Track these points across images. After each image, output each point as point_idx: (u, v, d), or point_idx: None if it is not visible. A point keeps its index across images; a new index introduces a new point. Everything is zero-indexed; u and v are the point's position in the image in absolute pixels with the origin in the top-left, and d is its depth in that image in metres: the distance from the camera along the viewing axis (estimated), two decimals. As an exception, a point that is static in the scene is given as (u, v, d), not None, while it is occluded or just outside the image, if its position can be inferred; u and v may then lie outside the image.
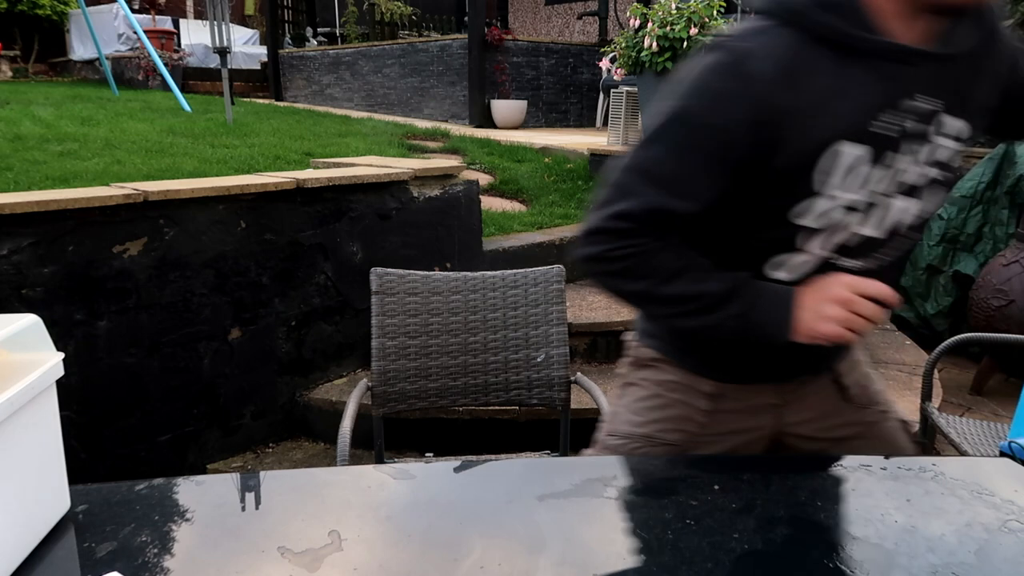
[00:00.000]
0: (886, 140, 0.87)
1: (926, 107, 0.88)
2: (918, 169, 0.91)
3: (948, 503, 0.85)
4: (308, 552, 0.73)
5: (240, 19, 11.10)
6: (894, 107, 0.86)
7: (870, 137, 0.86)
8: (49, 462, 0.77)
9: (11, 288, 2.02)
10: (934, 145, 0.91)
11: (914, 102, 0.87)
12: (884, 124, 0.86)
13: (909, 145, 0.89)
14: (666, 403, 1.10)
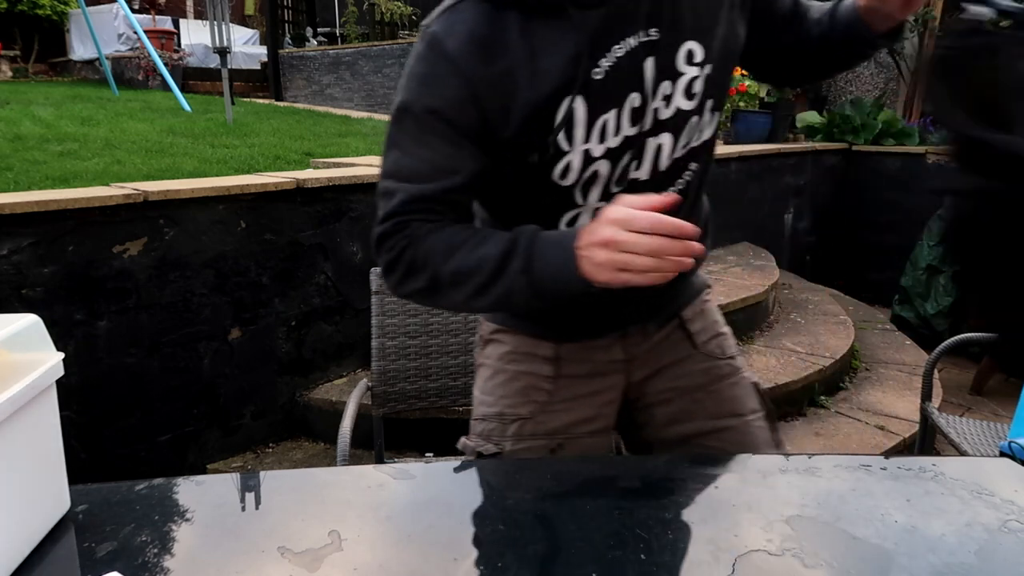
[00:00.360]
0: (608, 84, 0.86)
1: (637, 42, 0.86)
2: (659, 104, 0.90)
3: (948, 503, 0.85)
4: (308, 552, 0.73)
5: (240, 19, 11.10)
6: (603, 50, 0.85)
7: (590, 86, 0.86)
8: (49, 462, 0.77)
9: (11, 288, 2.02)
10: (666, 76, 0.89)
11: (623, 40, 0.86)
12: (600, 70, 0.86)
13: (637, 82, 0.88)
14: (509, 376, 1.09)
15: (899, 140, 4.97)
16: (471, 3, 0.85)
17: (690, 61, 0.90)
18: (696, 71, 0.90)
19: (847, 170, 5.04)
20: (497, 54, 0.84)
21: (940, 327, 4.01)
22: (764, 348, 3.08)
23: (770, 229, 4.50)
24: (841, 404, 2.93)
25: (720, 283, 3.33)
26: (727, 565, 0.72)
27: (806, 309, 3.65)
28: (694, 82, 0.91)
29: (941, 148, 1.04)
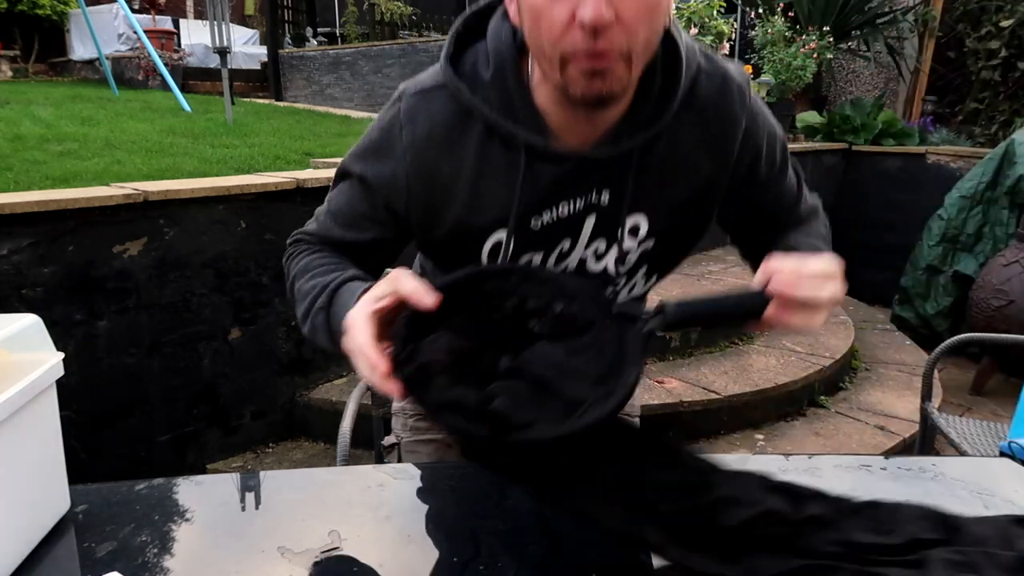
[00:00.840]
0: (543, 233, 0.86)
1: (584, 203, 0.85)
2: (589, 255, 0.89)
3: (948, 503, 0.84)
4: (308, 552, 0.73)
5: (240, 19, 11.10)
6: (548, 205, 0.84)
7: (524, 231, 0.85)
8: (49, 462, 0.77)
9: (11, 288, 2.02)
10: (603, 236, 0.88)
11: (572, 200, 0.84)
12: (539, 221, 0.85)
13: (573, 233, 0.87)
14: None
15: (899, 140, 4.97)
16: (448, 94, 0.83)
17: (632, 234, 0.88)
18: (634, 243, 0.89)
19: (847, 170, 5.04)
20: (448, 160, 0.83)
21: (940, 327, 4.01)
22: (764, 348, 3.08)
23: (770, 229, 4.49)
24: (841, 404, 2.93)
25: (720, 283, 3.33)
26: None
27: (806, 309, 3.65)
28: (629, 254, 0.90)
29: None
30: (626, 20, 0.68)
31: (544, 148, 0.80)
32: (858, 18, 5.47)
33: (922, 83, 5.69)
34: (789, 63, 4.74)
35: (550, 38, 0.70)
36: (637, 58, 0.72)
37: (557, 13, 0.68)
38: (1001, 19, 4.97)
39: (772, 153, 0.91)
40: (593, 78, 0.71)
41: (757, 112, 0.88)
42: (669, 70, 0.81)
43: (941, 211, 4.05)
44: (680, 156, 0.85)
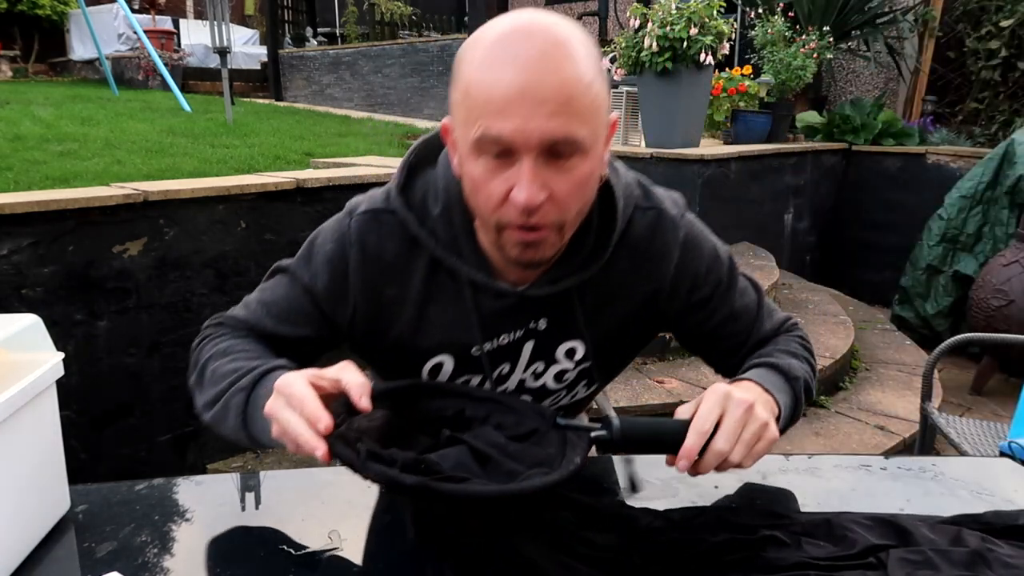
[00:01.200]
0: (483, 359, 0.89)
1: (523, 332, 0.89)
2: (528, 376, 0.93)
3: (948, 503, 0.84)
4: (308, 552, 0.73)
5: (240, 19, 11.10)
6: (490, 336, 0.88)
7: (465, 357, 0.89)
8: (49, 462, 0.77)
9: (11, 288, 2.01)
10: (541, 359, 0.91)
11: (512, 332, 0.88)
12: (479, 350, 0.88)
13: (512, 358, 0.91)
14: None
15: (899, 140, 4.97)
16: (398, 220, 0.85)
17: (569, 356, 0.92)
18: (571, 365, 0.93)
19: (847, 170, 5.04)
20: (396, 283, 0.86)
21: (940, 327, 4.01)
22: (764, 348, 3.08)
23: (770, 229, 4.50)
24: (841, 404, 2.93)
25: (720, 283, 3.33)
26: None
27: (806, 309, 3.65)
28: (567, 372, 0.93)
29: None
30: (558, 198, 0.72)
31: (486, 284, 0.84)
32: (858, 18, 5.47)
33: (922, 83, 5.69)
34: (789, 63, 4.74)
35: (487, 208, 0.74)
36: (569, 227, 0.77)
37: (494, 187, 0.72)
38: (1001, 19, 4.97)
39: (715, 275, 0.93)
40: (527, 248, 0.76)
41: (693, 240, 0.91)
42: (606, 214, 0.85)
43: (941, 211, 4.05)
44: (614, 288, 0.89)
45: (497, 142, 0.70)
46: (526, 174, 0.70)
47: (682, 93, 3.97)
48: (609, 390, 2.52)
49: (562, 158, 0.71)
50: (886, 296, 4.53)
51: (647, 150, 4.07)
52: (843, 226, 5.08)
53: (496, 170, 0.72)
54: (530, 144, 0.69)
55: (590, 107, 0.71)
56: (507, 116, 0.68)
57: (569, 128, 0.69)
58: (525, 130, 0.68)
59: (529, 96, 0.68)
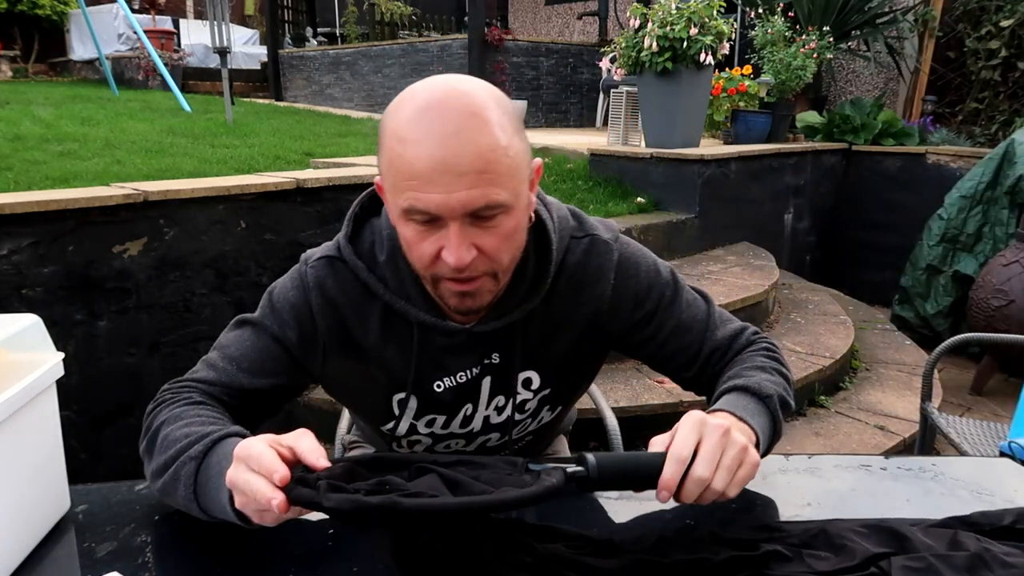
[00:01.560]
0: (445, 396, 0.93)
1: (479, 367, 0.92)
2: (491, 412, 0.96)
3: (948, 503, 0.85)
4: (308, 552, 0.73)
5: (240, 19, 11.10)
6: (447, 372, 0.92)
7: (427, 393, 0.93)
8: (49, 462, 0.77)
9: (11, 288, 2.02)
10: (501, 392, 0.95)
11: (468, 369, 0.92)
12: (440, 387, 0.93)
13: (473, 396, 0.94)
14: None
15: (899, 140, 4.97)
16: (350, 268, 0.89)
17: (527, 387, 0.96)
18: (531, 395, 0.97)
19: (847, 170, 5.04)
20: (357, 324, 0.90)
21: (940, 327, 4.02)
22: (764, 348, 3.08)
23: (770, 229, 4.50)
24: (841, 404, 2.93)
25: (720, 283, 3.33)
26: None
27: (806, 309, 3.65)
28: (528, 402, 0.97)
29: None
30: (487, 252, 0.77)
31: (435, 325, 0.88)
32: (858, 18, 5.47)
33: (922, 83, 5.69)
34: (789, 63, 4.74)
35: (421, 265, 0.80)
36: (503, 274, 0.82)
37: (426, 248, 0.77)
38: (1001, 19, 4.97)
39: (657, 290, 0.96)
40: (464, 298, 0.81)
41: (628, 260, 0.95)
42: (541, 250, 0.90)
43: (941, 211, 4.05)
44: (557, 317, 0.93)
45: (424, 212, 0.74)
46: (453, 239, 0.75)
47: (682, 93, 3.98)
48: (609, 391, 2.52)
49: (486, 220, 0.76)
50: (886, 296, 4.53)
51: (647, 150, 4.08)
52: (843, 226, 5.08)
53: (425, 233, 0.77)
54: (454, 213, 0.74)
55: (508, 170, 0.75)
56: (430, 190, 0.73)
57: (489, 195, 0.74)
58: (448, 202, 0.73)
59: (449, 170, 0.72)
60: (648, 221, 3.65)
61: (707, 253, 3.94)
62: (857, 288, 4.62)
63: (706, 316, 0.98)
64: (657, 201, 3.98)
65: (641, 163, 4.07)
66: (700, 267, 3.63)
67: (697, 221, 3.86)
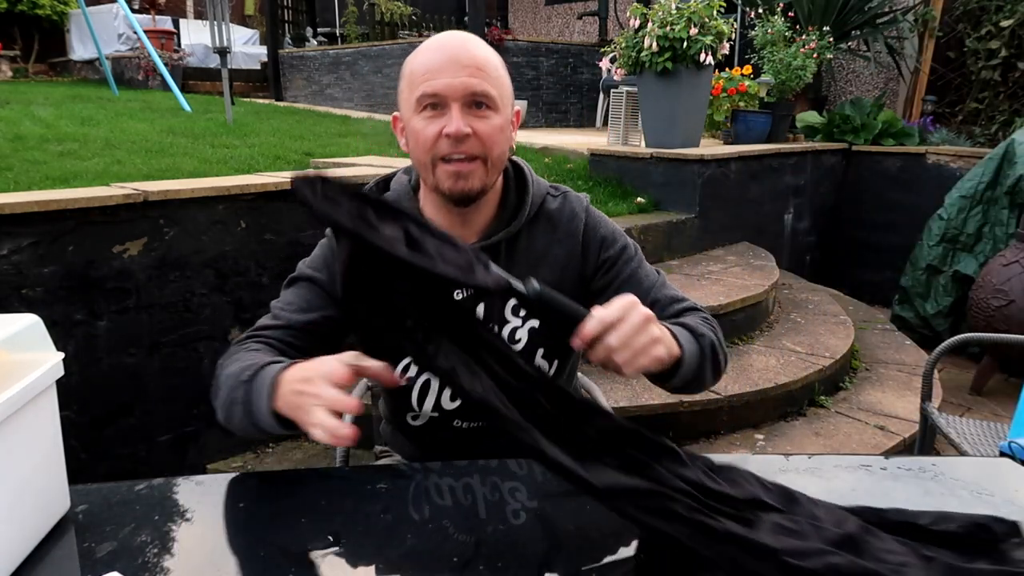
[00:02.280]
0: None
1: (470, 290, 1.04)
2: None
3: (948, 503, 0.85)
4: (308, 552, 0.73)
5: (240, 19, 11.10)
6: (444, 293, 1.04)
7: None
8: (49, 462, 0.77)
9: (11, 288, 2.02)
10: (494, 320, 1.07)
11: (462, 288, 1.02)
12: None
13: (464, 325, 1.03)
14: None
15: (899, 140, 4.97)
16: None
17: (516, 313, 1.09)
18: (519, 322, 1.08)
19: (847, 170, 5.04)
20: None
21: (940, 327, 4.02)
22: (764, 348, 3.08)
23: (770, 229, 4.50)
24: (841, 404, 2.93)
25: (720, 283, 3.33)
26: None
27: (806, 309, 3.65)
28: (517, 331, 1.08)
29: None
30: (480, 135, 0.98)
31: None
32: (858, 18, 5.47)
33: (922, 83, 5.69)
34: (789, 63, 4.74)
35: (425, 147, 0.99)
36: (492, 164, 1.01)
37: (431, 130, 0.98)
38: (1001, 19, 4.97)
39: (621, 241, 1.12)
40: (458, 179, 0.99)
41: (595, 212, 1.14)
42: (520, 189, 1.11)
43: (941, 211, 4.05)
44: (538, 251, 1.09)
45: (433, 96, 0.97)
46: (454, 114, 0.97)
47: (682, 93, 3.98)
48: (609, 391, 2.52)
49: (480, 108, 0.98)
50: (886, 296, 4.53)
51: (647, 150, 4.08)
52: (843, 226, 5.08)
53: (432, 119, 0.98)
54: (456, 94, 0.97)
55: (497, 80, 1.00)
56: (439, 76, 0.97)
57: (484, 86, 0.98)
58: (452, 83, 0.96)
59: (453, 62, 0.97)
60: (648, 221, 3.65)
61: (707, 253, 3.94)
62: (857, 288, 4.62)
63: (658, 280, 1.12)
64: (657, 201, 3.98)
65: (641, 163, 4.07)
66: (700, 267, 3.63)
67: (697, 221, 3.86)
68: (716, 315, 3.27)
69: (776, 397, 2.74)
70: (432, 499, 0.85)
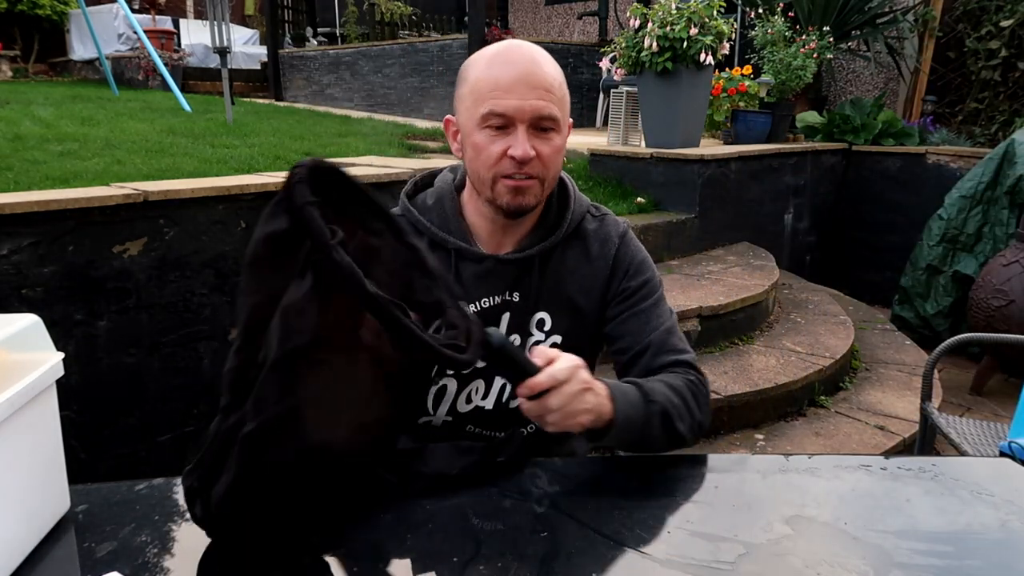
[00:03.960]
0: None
1: (500, 300, 1.08)
2: None
3: (948, 503, 0.85)
4: (308, 552, 0.73)
5: (240, 19, 11.10)
6: (472, 298, 1.07)
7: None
8: (49, 462, 0.77)
9: (11, 288, 2.01)
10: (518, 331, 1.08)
11: (490, 296, 1.07)
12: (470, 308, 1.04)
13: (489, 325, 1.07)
14: None
15: (899, 140, 4.97)
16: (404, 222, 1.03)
17: (540, 327, 1.10)
18: (543, 336, 1.10)
19: (847, 170, 5.04)
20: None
21: (940, 327, 4.01)
22: (764, 348, 3.08)
23: (770, 229, 4.50)
24: (841, 404, 2.93)
25: (720, 283, 3.33)
26: (727, 565, 0.72)
27: (806, 309, 3.65)
28: (540, 344, 1.09)
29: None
30: (543, 157, 0.99)
31: (468, 250, 1.08)
32: (858, 18, 5.47)
33: (922, 83, 5.69)
34: (789, 63, 4.74)
35: (487, 164, 1.00)
36: (547, 184, 1.03)
37: (495, 148, 0.99)
38: (1001, 19, 4.97)
39: (648, 272, 1.12)
40: (517, 194, 1.01)
41: (631, 238, 1.14)
42: (562, 205, 1.12)
43: (941, 211, 4.05)
44: (570, 268, 1.10)
45: (502, 116, 0.97)
46: (521, 137, 0.97)
47: (682, 93, 3.97)
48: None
49: (544, 131, 0.99)
50: (886, 296, 4.53)
51: (647, 150, 4.08)
52: (843, 226, 5.08)
53: (496, 137, 0.98)
54: (524, 117, 0.97)
55: (563, 99, 1.02)
56: (509, 97, 0.96)
57: (551, 108, 0.98)
58: (522, 107, 0.97)
59: (524, 83, 0.97)
60: (648, 221, 3.65)
61: (707, 253, 3.94)
62: (857, 288, 4.62)
63: (665, 326, 1.10)
64: (657, 201, 3.98)
65: (641, 163, 4.07)
66: (700, 267, 3.63)
67: (697, 221, 3.86)
68: (716, 315, 3.28)
69: (776, 397, 2.74)
70: (432, 498, 0.85)
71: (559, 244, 1.09)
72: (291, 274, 0.68)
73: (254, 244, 0.70)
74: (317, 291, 0.67)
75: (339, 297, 0.67)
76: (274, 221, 0.69)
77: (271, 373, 0.66)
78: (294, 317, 0.66)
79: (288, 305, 0.67)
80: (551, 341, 1.09)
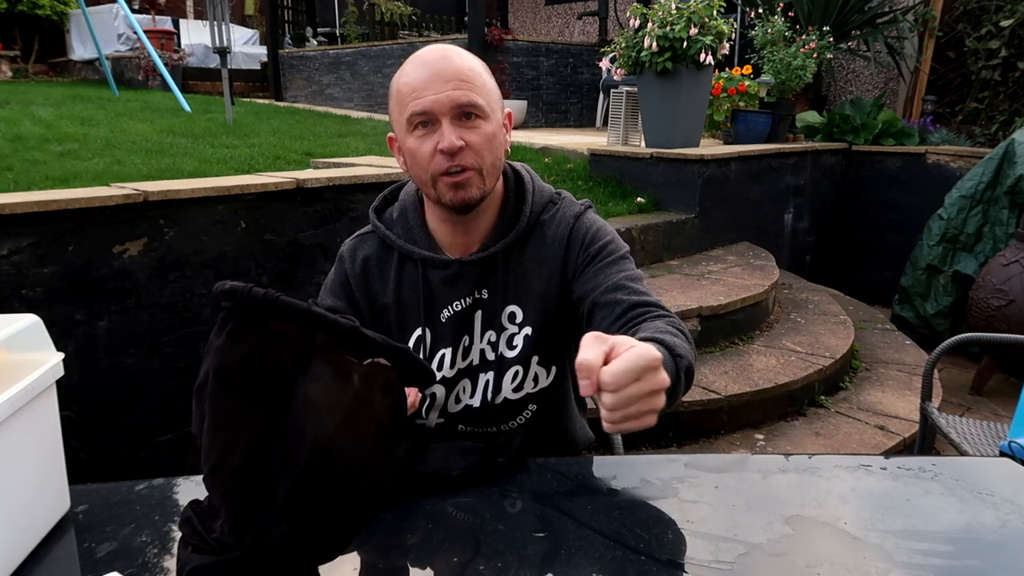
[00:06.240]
0: (448, 327, 1.10)
1: (472, 300, 1.10)
2: (486, 347, 1.11)
3: (948, 503, 0.85)
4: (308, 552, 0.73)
5: (240, 19, 11.10)
6: (445, 303, 1.10)
7: (435, 324, 1.11)
8: (49, 462, 0.77)
9: (11, 288, 2.01)
10: (491, 328, 1.11)
11: (462, 298, 1.10)
12: (443, 316, 1.10)
13: (468, 328, 1.11)
14: None
15: (899, 140, 4.97)
16: (376, 236, 1.16)
17: (512, 320, 1.12)
18: (516, 329, 1.11)
19: (847, 170, 5.04)
20: (380, 281, 1.14)
21: (940, 327, 4.01)
22: (764, 348, 3.08)
23: (770, 229, 4.50)
24: (841, 404, 2.93)
25: (720, 283, 3.33)
26: (727, 565, 0.72)
27: (806, 309, 3.65)
28: (514, 337, 1.11)
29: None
30: (473, 145, 1.00)
31: (433, 258, 1.10)
32: (858, 18, 5.47)
33: (922, 83, 5.69)
34: (789, 63, 4.74)
35: (423, 165, 1.01)
36: (487, 172, 1.03)
37: (425, 148, 1.00)
38: (1001, 19, 4.97)
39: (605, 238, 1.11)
40: (458, 189, 1.01)
41: (586, 214, 1.14)
42: (519, 198, 1.13)
43: (941, 211, 4.05)
44: (533, 257, 1.11)
45: (423, 113, 0.99)
46: (445, 129, 0.98)
47: (682, 93, 3.98)
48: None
49: (470, 119, 1.00)
50: (886, 296, 4.53)
51: (647, 150, 4.08)
52: (843, 226, 5.08)
53: (425, 137, 1.00)
54: (444, 109, 0.98)
55: (483, 87, 1.01)
56: (425, 95, 0.98)
57: (470, 96, 0.99)
58: (439, 99, 0.98)
59: (438, 77, 0.98)
60: (648, 221, 3.65)
61: (707, 253, 3.95)
62: (857, 288, 4.62)
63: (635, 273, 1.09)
64: (657, 201, 3.98)
65: (641, 163, 4.07)
66: (700, 267, 3.63)
67: (697, 221, 3.86)
68: (716, 315, 3.29)
69: (776, 397, 2.74)
70: (432, 499, 0.85)
71: (520, 237, 1.10)
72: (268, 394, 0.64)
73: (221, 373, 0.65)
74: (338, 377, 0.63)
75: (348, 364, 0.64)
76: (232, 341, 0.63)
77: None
78: (325, 412, 0.62)
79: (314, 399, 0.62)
80: (523, 333, 1.10)
